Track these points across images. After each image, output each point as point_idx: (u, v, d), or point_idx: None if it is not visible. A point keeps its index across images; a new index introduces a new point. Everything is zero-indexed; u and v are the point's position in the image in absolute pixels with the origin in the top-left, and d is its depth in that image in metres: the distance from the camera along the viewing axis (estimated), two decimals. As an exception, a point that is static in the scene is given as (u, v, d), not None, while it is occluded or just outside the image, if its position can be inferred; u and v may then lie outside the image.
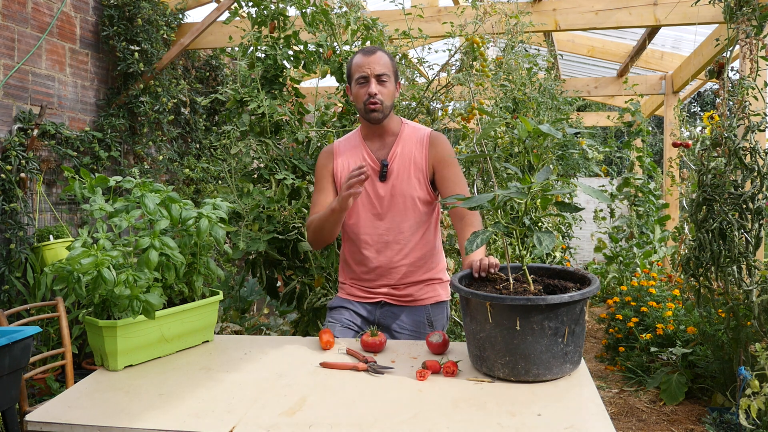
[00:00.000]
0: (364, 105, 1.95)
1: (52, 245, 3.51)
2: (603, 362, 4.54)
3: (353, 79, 1.98)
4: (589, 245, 8.93)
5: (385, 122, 2.01)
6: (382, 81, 1.94)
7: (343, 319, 2.05)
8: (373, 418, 1.28)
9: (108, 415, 1.34)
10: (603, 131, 12.14)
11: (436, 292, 2.08)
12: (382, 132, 2.04)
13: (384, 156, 2.02)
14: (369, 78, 1.93)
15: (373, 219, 2.01)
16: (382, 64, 1.94)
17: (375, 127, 2.02)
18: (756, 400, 2.24)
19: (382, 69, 1.94)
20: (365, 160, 2.03)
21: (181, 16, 4.87)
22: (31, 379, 2.63)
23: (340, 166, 2.06)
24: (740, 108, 2.81)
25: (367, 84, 1.93)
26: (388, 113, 1.99)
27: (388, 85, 1.96)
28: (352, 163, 2.04)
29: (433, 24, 4.24)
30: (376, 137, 2.05)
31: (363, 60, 1.94)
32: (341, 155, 2.08)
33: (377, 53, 1.96)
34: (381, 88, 1.94)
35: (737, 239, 2.81)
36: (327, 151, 2.12)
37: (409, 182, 1.99)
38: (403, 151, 2.02)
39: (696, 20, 4.00)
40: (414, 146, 2.02)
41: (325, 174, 2.09)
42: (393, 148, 2.02)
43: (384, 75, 1.94)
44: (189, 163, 5.10)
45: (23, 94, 3.64)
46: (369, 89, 1.93)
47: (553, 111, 4.58)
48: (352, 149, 2.07)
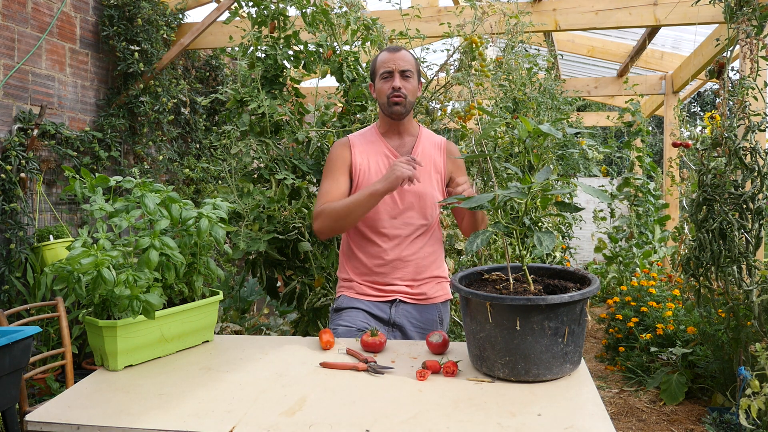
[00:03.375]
0: (388, 99, 1.97)
1: (52, 245, 3.51)
2: (603, 362, 4.54)
3: (377, 75, 2.00)
4: (589, 245, 8.94)
5: (405, 120, 2.04)
6: (406, 77, 1.97)
7: (358, 321, 1.97)
8: (373, 418, 1.28)
9: (108, 415, 1.34)
10: (603, 131, 12.14)
11: (444, 290, 2.12)
12: (402, 130, 2.06)
13: (405, 153, 2.03)
14: (393, 73, 1.96)
15: (392, 212, 2.01)
16: (407, 61, 1.98)
17: (395, 125, 2.04)
18: (756, 400, 2.24)
19: (406, 65, 1.97)
20: (386, 155, 2.03)
21: (181, 16, 4.87)
22: (31, 379, 2.63)
23: (360, 162, 2.03)
24: (740, 108, 2.81)
25: (392, 78, 1.96)
26: (410, 109, 2.02)
27: (412, 81, 1.98)
28: (373, 160, 2.02)
29: (432, 24, 4.24)
30: (396, 135, 2.06)
31: (388, 56, 1.98)
32: (359, 151, 2.04)
33: (402, 51, 1.99)
34: (405, 83, 1.96)
35: (737, 239, 2.81)
36: (343, 143, 2.08)
37: (431, 182, 2.04)
38: (425, 152, 2.05)
39: (696, 20, 4.00)
40: (433, 150, 2.07)
41: (341, 165, 2.04)
42: (415, 148, 2.05)
43: (408, 71, 1.97)
44: (189, 163, 5.10)
45: (23, 94, 3.64)
46: (393, 83, 1.95)
47: (553, 111, 4.58)
48: (369, 144, 2.05)
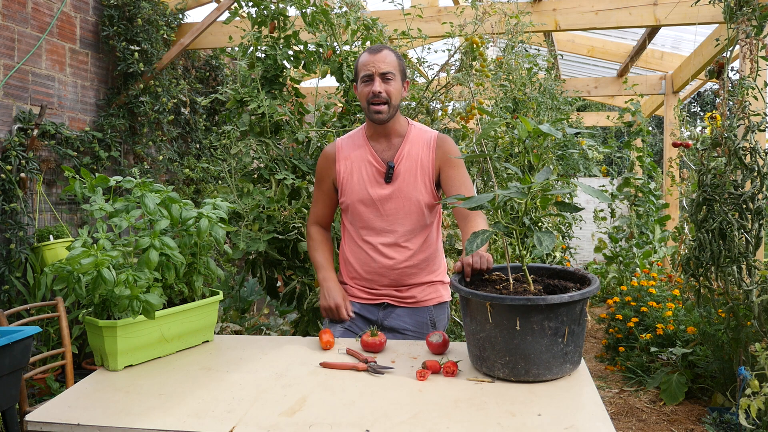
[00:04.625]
0: (368, 104, 1.91)
1: (52, 245, 3.51)
2: (603, 362, 4.54)
3: (359, 78, 1.94)
4: (589, 245, 8.93)
5: (391, 123, 1.96)
6: (387, 79, 1.89)
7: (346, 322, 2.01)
8: (373, 418, 1.28)
9: (108, 415, 1.34)
10: (603, 131, 12.14)
11: (438, 293, 2.06)
12: (388, 132, 1.98)
13: (390, 157, 1.97)
14: (373, 76, 1.88)
15: (376, 220, 1.97)
16: (388, 62, 1.90)
17: (380, 128, 1.97)
18: (756, 400, 2.24)
19: (387, 67, 1.89)
20: (370, 162, 1.98)
21: (181, 16, 4.87)
22: (31, 379, 2.63)
23: (344, 170, 2.01)
24: (740, 108, 2.81)
25: (372, 82, 1.89)
26: (394, 113, 1.94)
27: (394, 84, 1.90)
28: (356, 167, 1.98)
29: (433, 24, 4.24)
30: (382, 137, 1.99)
31: (368, 58, 1.90)
32: (344, 158, 2.01)
33: (383, 51, 1.91)
34: (386, 87, 1.88)
35: (737, 239, 2.81)
36: (328, 155, 2.05)
37: (415, 186, 1.95)
38: (410, 153, 1.96)
39: (696, 20, 4.00)
40: (421, 149, 1.97)
41: (326, 178, 2.05)
42: (400, 150, 1.97)
43: (389, 73, 1.89)
44: (189, 163, 5.10)
45: (23, 94, 3.64)
46: (373, 87, 1.88)
47: (553, 111, 4.59)
48: (355, 150, 2.01)
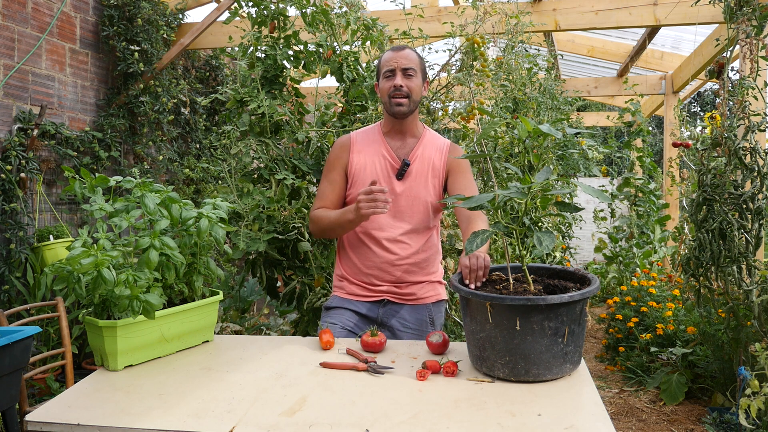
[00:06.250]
0: (389, 98, 1.96)
1: (52, 245, 3.51)
2: (603, 362, 4.54)
3: (381, 74, 2.00)
4: (589, 245, 8.93)
5: (409, 120, 2.01)
6: (409, 75, 1.96)
7: (344, 320, 2.01)
8: (373, 418, 1.28)
9: (108, 415, 1.34)
10: (603, 131, 12.14)
11: (436, 290, 2.09)
12: (404, 130, 2.03)
13: (404, 155, 2.02)
14: (395, 71, 1.95)
15: (384, 216, 1.98)
16: (410, 60, 1.97)
17: (398, 124, 2.02)
18: (756, 400, 2.23)
19: (409, 63, 1.96)
20: (384, 157, 2.01)
21: (181, 16, 4.87)
22: (31, 379, 2.63)
23: (357, 161, 2.03)
24: (740, 108, 2.80)
25: (394, 77, 1.95)
26: (414, 108, 1.99)
27: (415, 80, 1.97)
28: (369, 160, 2.01)
29: (433, 24, 4.24)
30: (398, 135, 2.04)
31: (391, 55, 1.98)
32: (358, 150, 2.04)
33: (405, 50, 1.98)
34: (407, 82, 1.95)
35: (737, 239, 2.81)
36: (343, 143, 2.07)
37: (426, 187, 2.00)
38: (423, 155, 2.02)
39: (696, 20, 4.00)
40: (434, 152, 2.04)
41: (338, 166, 2.05)
42: (414, 150, 2.02)
43: (411, 69, 1.96)
44: (189, 163, 5.10)
45: (23, 94, 3.64)
46: (395, 81, 1.94)
47: (553, 111, 4.59)
48: (370, 144, 2.04)
